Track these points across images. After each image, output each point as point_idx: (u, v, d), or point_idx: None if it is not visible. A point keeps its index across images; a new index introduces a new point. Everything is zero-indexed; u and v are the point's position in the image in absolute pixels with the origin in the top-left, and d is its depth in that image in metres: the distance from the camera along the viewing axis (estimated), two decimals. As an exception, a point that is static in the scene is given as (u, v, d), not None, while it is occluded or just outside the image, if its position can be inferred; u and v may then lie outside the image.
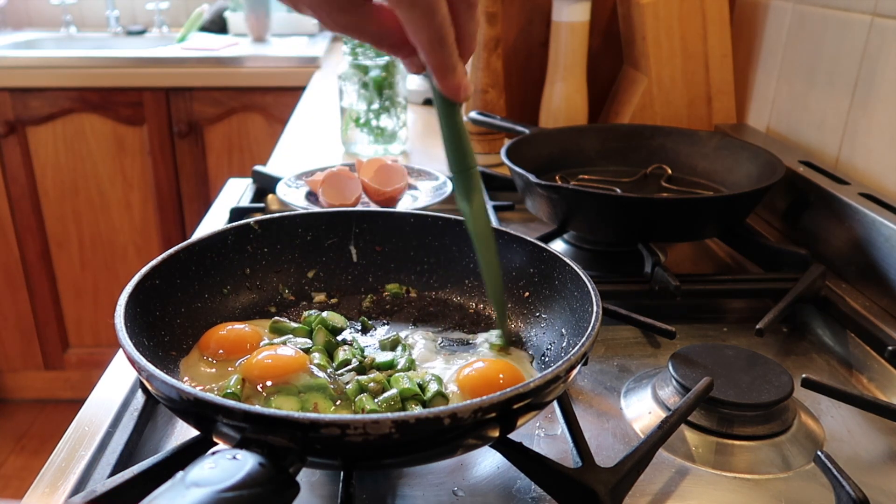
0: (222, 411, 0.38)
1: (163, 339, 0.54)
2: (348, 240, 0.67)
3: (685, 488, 0.50)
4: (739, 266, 0.86)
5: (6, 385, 2.39)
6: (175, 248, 0.58)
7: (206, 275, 0.60)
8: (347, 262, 0.68)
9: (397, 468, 0.51)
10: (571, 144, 0.98)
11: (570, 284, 0.57)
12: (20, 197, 2.14)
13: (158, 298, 0.55)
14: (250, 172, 1.03)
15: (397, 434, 0.37)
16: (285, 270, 0.66)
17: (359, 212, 0.68)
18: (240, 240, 0.63)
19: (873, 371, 0.64)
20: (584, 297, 0.54)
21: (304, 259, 0.66)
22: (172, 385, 0.40)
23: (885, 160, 0.82)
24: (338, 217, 0.67)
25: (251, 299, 0.63)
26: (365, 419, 0.37)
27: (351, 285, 0.67)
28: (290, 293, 0.65)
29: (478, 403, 0.38)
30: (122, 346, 0.45)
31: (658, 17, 1.06)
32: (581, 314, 0.54)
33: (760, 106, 1.10)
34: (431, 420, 0.38)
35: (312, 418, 0.37)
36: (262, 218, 0.65)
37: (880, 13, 0.83)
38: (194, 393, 0.39)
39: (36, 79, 2.04)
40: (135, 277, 0.52)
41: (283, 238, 0.65)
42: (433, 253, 0.67)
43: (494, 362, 0.54)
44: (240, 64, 2.10)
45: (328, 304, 0.66)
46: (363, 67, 1.20)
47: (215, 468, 0.34)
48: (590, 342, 0.46)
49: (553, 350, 0.56)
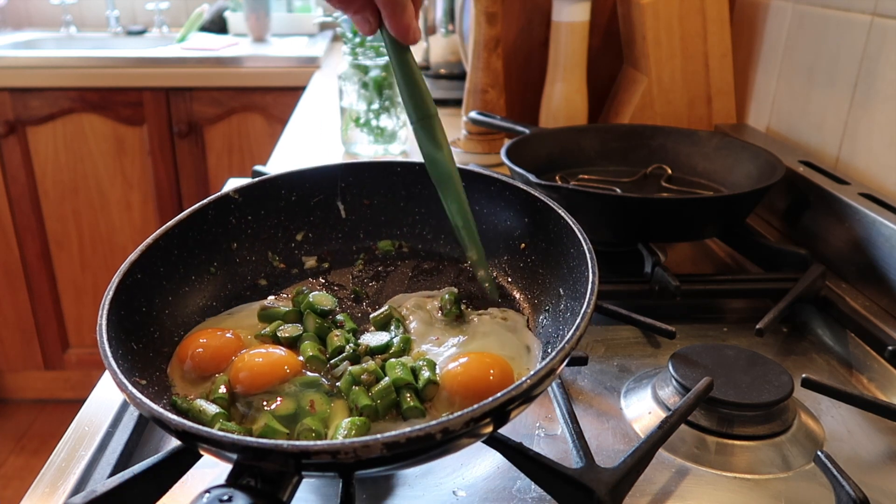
0: (211, 442, 0.38)
1: (153, 335, 0.52)
2: (335, 196, 0.65)
3: (685, 488, 0.50)
4: (739, 266, 0.86)
5: (6, 385, 2.39)
6: (152, 236, 0.54)
7: (189, 256, 0.57)
8: (336, 220, 0.65)
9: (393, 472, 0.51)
10: (571, 144, 0.98)
11: (566, 239, 0.54)
12: (20, 197, 2.14)
13: (143, 294, 0.52)
14: (250, 172, 1.03)
15: (389, 454, 0.37)
16: (272, 237, 0.63)
17: (343, 165, 0.65)
18: (221, 213, 0.60)
19: (873, 371, 0.64)
20: (580, 257, 0.51)
21: (290, 222, 0.64)
22: (160, 417, 0.39)
23: (885, 160, 0.82)
24: (322, 173, 0.64)
25: (240, 274, 0.61)
26: (355, 443, 0.36)
27: (342, 245, 0.65)
28: (280, 260, 0.63)
29: (469, 414, 0.38)
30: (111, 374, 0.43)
31: (658, 17, 1.05)
32: (577, 275, 0.52)
33: (760, 106, 1.10)
34: (423, 438, 0.37)
35: (302, 447, 0.36)
36: (241, 185, 0.61)
37: (880, 13, 0.83)
38: (182, 424, 0.38)
39: (36, 79, 2.04)
40: (114, 279, 0.49)
41: (267, 203, 0.62)
42: (423, 203, 0.64)
43: (482, 357, 0.52)
44: (240, 64, 2.10)
45: (320, 269, 0.63)
46: (363, 67, 1.20)
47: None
48: (585, 322, 0.44)
49: (551, 311, 0.55)
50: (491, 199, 0.61)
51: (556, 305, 0.55)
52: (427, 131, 0.54)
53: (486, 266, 0.57)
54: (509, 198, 0.60)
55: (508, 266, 0.61)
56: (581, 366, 0.63)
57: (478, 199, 0.61)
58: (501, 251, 0.61)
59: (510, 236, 0.61)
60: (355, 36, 1.20)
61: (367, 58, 1.20)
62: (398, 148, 1.27)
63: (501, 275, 0.61)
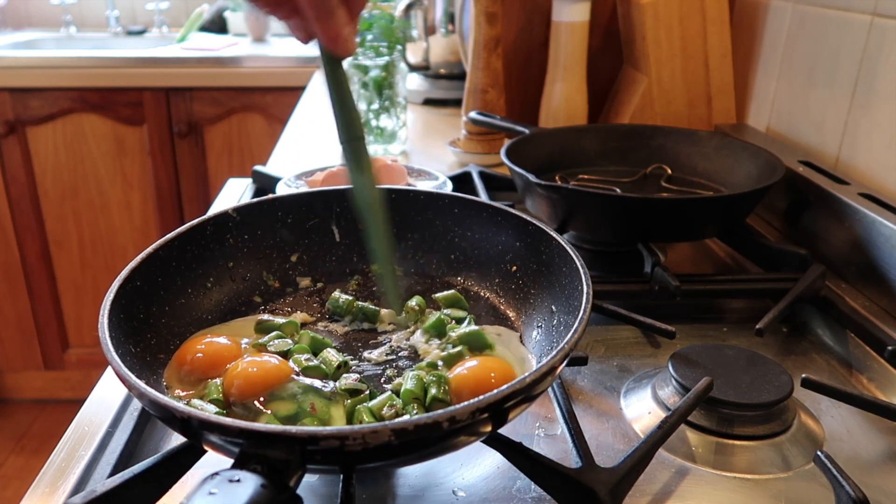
0: (219, 429, 0.38)
1: (149, 342, 0.53)
2: (330, 219, 0.66)
3: (685, 488, 0.50)
4: (739, 266, 0.86)
5: (6, 385, 2.39)
6: (153, 245, 0.56)
7: (187, 269, 0.59)
8: (331, 243, 0.66)
9: (393, 468, 0.51)
10: (571, 144, 0.98)
11: (558, 259, 0.56)
12: (20, 197, 2.14)
13: (141, 300, 0.53)
14: (250, 172, 1.03)
15: (396, 441, 0.37)
16: (268, 256, 0.64)
17: (339, 190, 0.66)
18: (219, 229, 0.61)
19: (873, 371, 0.64)
20: (572, 274, 0.53)
21: (286, 243, 0.65)
22: (165, 404, 0.39)
23: (885, 160, 0.82)
24: (317, 197, 0.66)
25: (235, 290, 0.62)
26: (363, 429, 0.36)
27: (336, 267, 0.66)
28: (275, 280, 0.64)
29: (475, 404, 0.38)
30: (113, 366, 0.43)
31: (658, 17, 1.06)
32: (570, 291, 0.53)
33: (760, 106, 1.10)
34: (430, 426, 0.37)
35: (310, 432, 0.37)
36: (239, 205, 0.63)
37: (880, 13, 0.83)
38: (189, 411, 0.38)
39: (36, 79, 2.04)
40: (115, 283, 0.50)
41: (264, 223, 0.64)
42: (416, 228, 0.66)
43: (485, 360, 0.54)
44: (240, 64, 2.10)
45: (314, 288, 0.65)
46: (363, 67, 1.20)
47: (217, 494, 0.33)
48: (582, 326, 0.46)
49: (544, 327, 0.56)
50: (482, 224, 0.63)
51: (548, 321, 0.56)
52: (354, 154, 0.52)
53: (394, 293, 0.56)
54: (500, 222, 0.62)
55: (500, 288, 0.63)
56: (581, 366, 0.63)
57: (469, 224, 0.64)
58: (493, 274, 0.63)
59: (502, 260, 0.62)
60: (355, 36, 1.20)
61: (367, 58, 1.20)
62: (398, 148, 1.27)
63: (494, 296, 0.63)
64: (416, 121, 1.50)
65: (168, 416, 0.40)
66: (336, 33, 0.47)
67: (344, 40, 0.47)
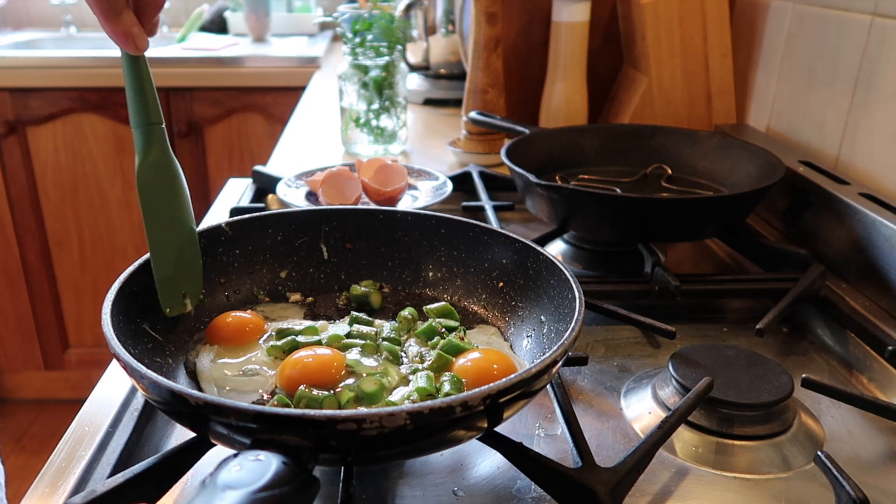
0: (234, 413, 0.38)
1: (146, 346, 0.53)
2: (318, 238, 0.68)
3: (685, 488, 0.50)
4: (739, 266, 0.86)
5: (6, 385, 2.39)
6: (147, 255, 0.56)
7: None
8: (319, 261, 0.68)
9: (397, 460, 0.51)
10: (571, 144, 0.98)
11: (545, 272, 0.58)
12: (20, 197, 2.14)
13: (138, 306, 0.54)
14: (250, 172, 1.03)
15: (411, 425, 0.38)
16: (258, 272, 0.66)
17: (328, 210, 0.68)
18: (211, 242, 0.63)
19: (873, 371, 0.64)
20: (561, 284, 0.55)
21: (275, 259, 0.67)
22: (179, 391, 0.39)
23: (885, 160, 0.82)
24: (307, 216, 0.68)
25: (226, 304, 0.63)
26: (381, 412, 0.37)
27: (324, 283, 0.67)
28: (265, 294, 0.66)
29: (486, 391, 0.40)
30: (116, 354, 0.44)
31: (658, 17, 1.06)
32: (560, 301, 0.55)
33: (760, 106, 1.10)
34: (444, 410, 0.39)
35: (329, 415, 0.37)
36: (232, 220, 0.65)
37: (880, 13, 0.83)
38: (203, 397, 0.39)
39: (36, 79, 2.04)
40: (114, 286, 0.51)
41: (255, 239, 0.66)
42: (403, 248, 0.67)
43: (487, 352, 0.55)
44: (240, 64, 2.10)
45: (305, 302, 0.66)
46: (363, 67, 1.20)
47: (242, 470, 0.34)
48: (579, 325, 0.48)
49: (534, 336, 0.57)
50: (469, 244, 0.65)
51: (538, 331, 0.57)
52: (144, 138, 0.54)
53: (165, 290, 0.57)
54: (486, 241, 0.64)
55: (487, 303, 0.64)
56: (581, 366, 0.63)
57: (456, 244, 0.66)
58: (480, 290, 0.65)
59: (488, 276, 0.64)
60: (355, 36, 1.20)
61: (367, 58, 1.20)
62: (398, 148, 1.27)
63: (482, 309, 0.64)
64: (417, 121, 1.50)
65: (181, 402, 0.40)
66: (124, 32, 0.50)
67: (133, 38, 0.50)
